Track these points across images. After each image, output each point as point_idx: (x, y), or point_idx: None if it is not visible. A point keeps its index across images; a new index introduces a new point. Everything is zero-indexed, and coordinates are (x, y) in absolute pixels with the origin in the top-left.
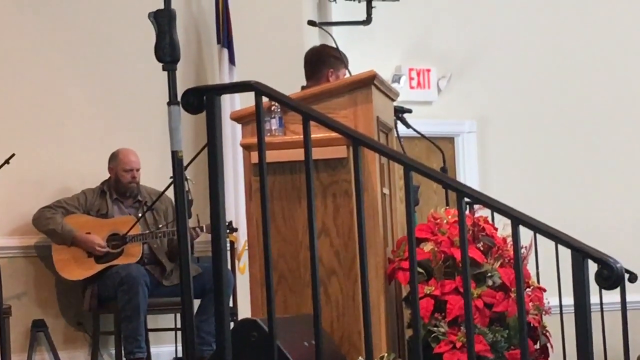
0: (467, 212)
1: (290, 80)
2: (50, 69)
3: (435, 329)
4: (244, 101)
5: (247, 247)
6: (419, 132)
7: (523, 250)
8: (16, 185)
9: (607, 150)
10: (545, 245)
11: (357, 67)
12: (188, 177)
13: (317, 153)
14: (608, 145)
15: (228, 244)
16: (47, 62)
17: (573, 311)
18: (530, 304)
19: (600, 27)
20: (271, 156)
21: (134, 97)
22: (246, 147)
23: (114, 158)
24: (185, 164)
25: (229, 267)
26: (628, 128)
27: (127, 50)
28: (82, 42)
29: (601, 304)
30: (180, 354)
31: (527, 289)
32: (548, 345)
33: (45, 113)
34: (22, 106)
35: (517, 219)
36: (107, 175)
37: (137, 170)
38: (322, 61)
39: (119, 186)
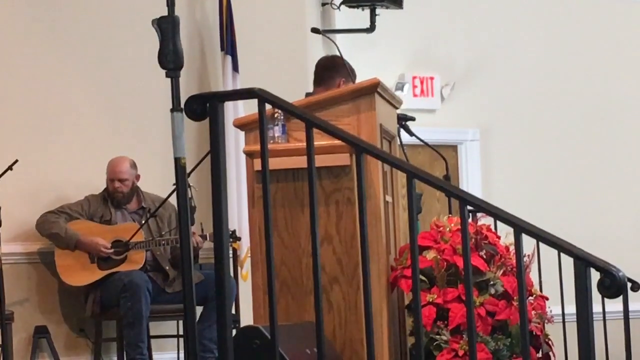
0: (469, 220)
1: (293, 88)
2: (53, 75)
3: (438, 337)
4: (247, 108)
5: (249, 254)
6: (422, 140)
7: (526, 259)
8: (19, 191)
9: (610, 158)
10: (548, 253)
11: (360, 74)
12: (191, 184)
13: (320, 160)
14: (611, 153)
15: (231, 252)
16: (49, 69)
17: (575, 320)
18: (533, 312)
19: (605, 37)
20: (274, 163)
21: (137, 104)
22: (249, 154)
23: (107, 166)
24: (188, 170)
25: (232, 274)
26: (632, 137)
27: (130, 57)
28: (84, 48)
29: (604, 312)
30: None
31: (530, 297)
32: (550, 353)
33: (48, 120)
34: (24, 113)
35: (520, 227)
36: None
37: (121, 180)
38: (336, 69)
39: (110, 194)
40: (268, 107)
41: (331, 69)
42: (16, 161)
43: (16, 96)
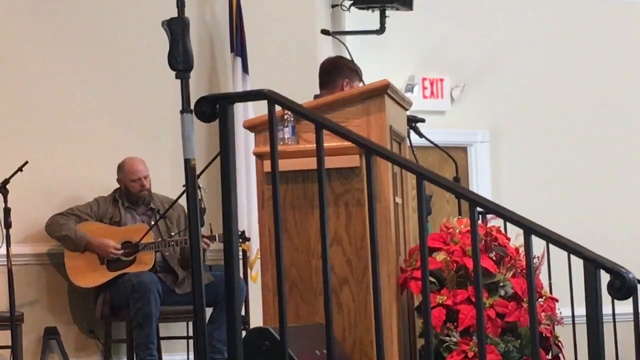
0: (479, 221)
1: (303, 89)
2: (62, 77)
3: (447, 338)
4: (257, 110)
5: (259, 256)
6: (432, 142)
7: (535, 260)
8: (29, 192)
9: (620, 159)
10: (558, 255)
11: (370, 76)
12: (201, 186)
13: (330, 162)
14: (621, 154)
15: (240, 253)
16: (59, 70)
17: (585, 321)
18: (543, 314)
19: (616, 37)
20: (284, 165)
21: (147, 105)
22: (259, 156)
23: (121, 169)
24: (198, 172)
25: (241, 275)
26: None
27: (140, 58)
28: (94, 50)
29: (613, 314)
30: None
31: (540, 299)
32: (560, 355)
33: (57, 121)
34: (33, 114)
35: (530, 229)
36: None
37: (145, 177)
38: (338, 71)
39: (130, 196)
40: (278, 108)
41: (332, 72)
42: (26, 162)
43: (26, 97)
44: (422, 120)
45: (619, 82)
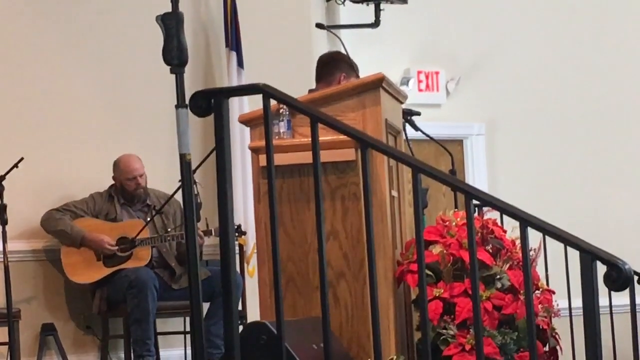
0: (475, 214)
1: (298, 83)
2: (58, 73)
3: (445, 331)
4: (252, 104)
5: (256, 250)
6: (427, 135)
7: (532, 253)
8: (25, 188)
9: (616, 152)
10: (554, 247)
11: (365, 69)
12: (196, 180)
13: (326, 156)
14: (617, 147)
15: (237, 247)
16: (54, 67)
17: (582, 313)
18: (540, 306)
19: (612, 31)
20: (279, 159)
21: (141, 101)
22: (254, 150)
23: (116, 167)
24: (193, 167)
25: (238, 270)
26: (637, 130)
27: (134, 54)
28: (89, 45)
29: (610, 306)
30: (189, 358)
31: (536, 291)
32: (557, 347)
33: (53, 117)
34: (29, 111)
35: (526, 221)
36: None
37: (141, 176)
38: (336, 65)
39: (126, 194)
40: (273, 102)
41: (330, 65)
42: (22, 159)
43: (21, 94)
44: (418, 114)
45: (615, 75)
